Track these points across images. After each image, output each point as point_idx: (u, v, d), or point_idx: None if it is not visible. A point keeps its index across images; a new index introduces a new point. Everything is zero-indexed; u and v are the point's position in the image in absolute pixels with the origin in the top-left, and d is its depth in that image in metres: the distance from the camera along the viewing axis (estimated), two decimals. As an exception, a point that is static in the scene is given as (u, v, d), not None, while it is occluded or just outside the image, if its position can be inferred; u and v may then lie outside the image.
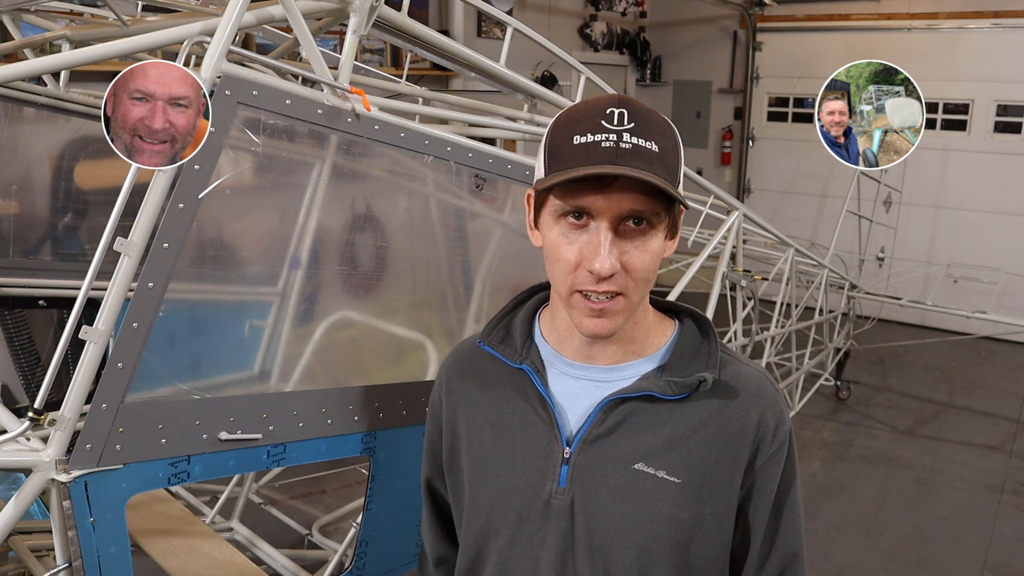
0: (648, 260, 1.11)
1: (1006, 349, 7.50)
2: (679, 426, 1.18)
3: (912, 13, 7.86)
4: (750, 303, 3.96)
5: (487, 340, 1.30)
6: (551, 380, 1.24)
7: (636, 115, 1.10)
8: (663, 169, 1.09)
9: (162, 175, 1.40)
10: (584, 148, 1.08)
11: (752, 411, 1.19)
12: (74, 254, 3.04)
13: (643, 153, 1.07)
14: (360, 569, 1.92)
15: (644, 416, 1.19)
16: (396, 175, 1.95)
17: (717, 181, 8.29)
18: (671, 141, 1.12)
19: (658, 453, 1.17)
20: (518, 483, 1.23)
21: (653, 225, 1.11)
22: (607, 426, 1.19)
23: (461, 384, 1.34)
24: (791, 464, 1.24)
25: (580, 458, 1.20)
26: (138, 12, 2.87)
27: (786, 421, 1.23)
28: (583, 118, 1.10)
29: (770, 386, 1.23)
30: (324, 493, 4.15)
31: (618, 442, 1.19)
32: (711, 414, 1.18)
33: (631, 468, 1.18)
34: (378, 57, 6.55)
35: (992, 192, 7.70)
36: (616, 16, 9.08)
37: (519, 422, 1.25)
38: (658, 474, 1.17)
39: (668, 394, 1.18)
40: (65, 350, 1.37)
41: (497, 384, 1.29)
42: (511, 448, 1.25)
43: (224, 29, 1.47)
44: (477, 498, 1.29)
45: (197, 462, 1.55)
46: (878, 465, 5.18)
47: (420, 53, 2.21)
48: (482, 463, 1.28)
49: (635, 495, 1.17)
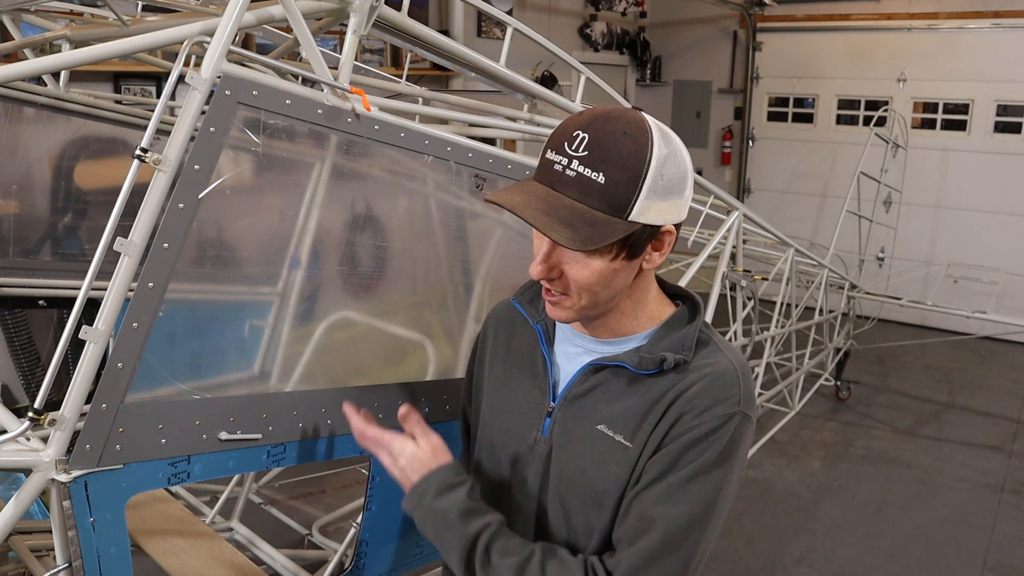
0: (588, 275, 1.20)
1: (1006, 349, 7.50)
2: (643, 399, 1.28)
3: (912, 13, 7.86)
4: (750, 303, 3.96)
5: (519, 298, 1.48)
6: (557, 342, 1.41)
7: (595, 144, 1.13)
8: (602, 203, 1.13)
9: (162, 175, 1.40)
10: (543, 165, 1.18)
11: (695, 384, 1.25)
12: (74, 254, 3.04)
13: (585, 183, 1.13)
14: (360, 569, 1.92)
15: (617, 384, 1.31)
16: (396, 175, 1.95)
17: (717, 181, 8.30)
18: (630, 173, 1.13)
19: (618, 419, 1.29)
20: (514, 426, 1.41)
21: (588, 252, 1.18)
22: (584, 388, 1.33)
23: (495, 331, 1.53)
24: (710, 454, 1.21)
25: (560, 413, 1.35)
26: (138, 12, 2.87)
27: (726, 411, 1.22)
28: (562, 131, 1.18)
29: (732, 376, 1.26)
30: (324, 493, 4.15)
31: (590, 403, 1.33)
32: (668, 388, 1.27)
33: (594, 428, 1.31)
34: (378, 57, 6.55)
35: (992, 192, 7.71)
36: (616, 16, 9.08)
37: (524, 375, 1.43)
38: (616, 437, 1.29)
39: (637, 367, 1.28)
40: (65, 350, 1.36)
41: (518, 337, 1.47)
42: (514, 394, 1.43)
43: (224, 29, 1.47)
44: (486, 429, 1.48)
45: (197, 462, 1.55)
46: (878, 465, 5.18)
47: (420, 53, 2.21)
48: (493, 402, 1.47)
49: (594, 452, 1.30)
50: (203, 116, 1.48)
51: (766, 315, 4.50)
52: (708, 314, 3.12)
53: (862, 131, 7.76)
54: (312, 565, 2.82)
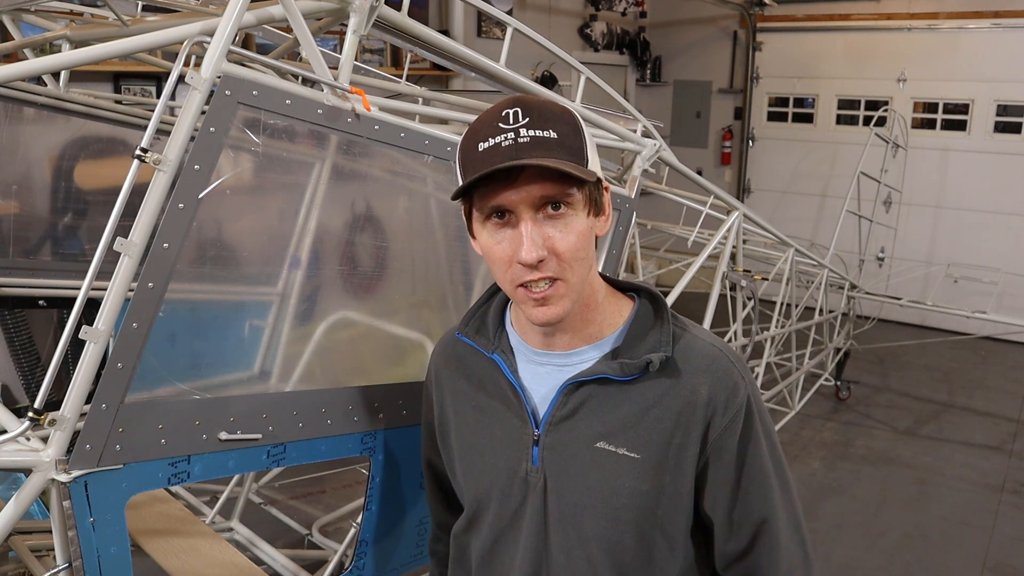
0: (574, 240, 1.18)
1: (1006, 349, 7.50)
2: (634, 405, 1.25)
3: (912, 13, 7.86)
4: (750, 303, 3.96)
5: (464, 331, 1.41)
6: (520, 367, 1.34)
7: (530, 110, 1.16)
8: (565, 152, 1.16)
9: (162, 175, 1.40)
10: (488, 152, 1.15)
11: (702, 386, 1.25)
12: (74, 254, 3.04)
13: (542, 142, 1.15)
14: (360, 569, 1.92)
15: (602, 397, 1.27)
16: (396, 175, 1.95)
17: (717, 181, 8.29)
18: (570, 126, 1.18)
19: (617, 432, 1.26)
20: (499, 463, 1.34)
21: (570, 205, 1.18)
22: (569, 408, 1.28)
23: (447, 372, 1.44)
24: (750, 433, 1.27)
25: (548, 439, 1.29)
26: (138, 12, 2.87)
27: (740, 391, 1.26)
28: (483, 126, 1.18)
29: (723, 359, 1.27)
30: (324, 493, 4.15)
31: (580, 423, 1.28)
32: (662, 392, 1.25)
33: (594, 447, 1.27)
34: (378, 57, 6.55)
35: (992, 192, 7.70)
36: (616, 16, 9.07)
37: (496, 407, 1.35)
38: (619, 451, 1.25)
39: (620, 376, 1.25)
40: (65, 350, 1.37)
41: (476, 371, 1.39)
42: (491, 431, 1.36)
43: (224, 29, 1.47)
44: (467, 475, 1.41)
45: (197, 462, 1.55)
46: (878, 465, 5.18)
47: (420, 53, 2.21)
48: (469, 444, 1.40)
49: (599, 471, 1.26)
50: (203, 116, 1.48)
51: (766, 315, 4.50)
52: (708, 314, 3.12)
53: (862, 131, 7.76)
54: (312, 565, 2.82)
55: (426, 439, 1.56)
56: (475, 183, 1.16)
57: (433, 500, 1.62)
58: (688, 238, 4.06)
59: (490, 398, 1.37)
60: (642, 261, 5.79)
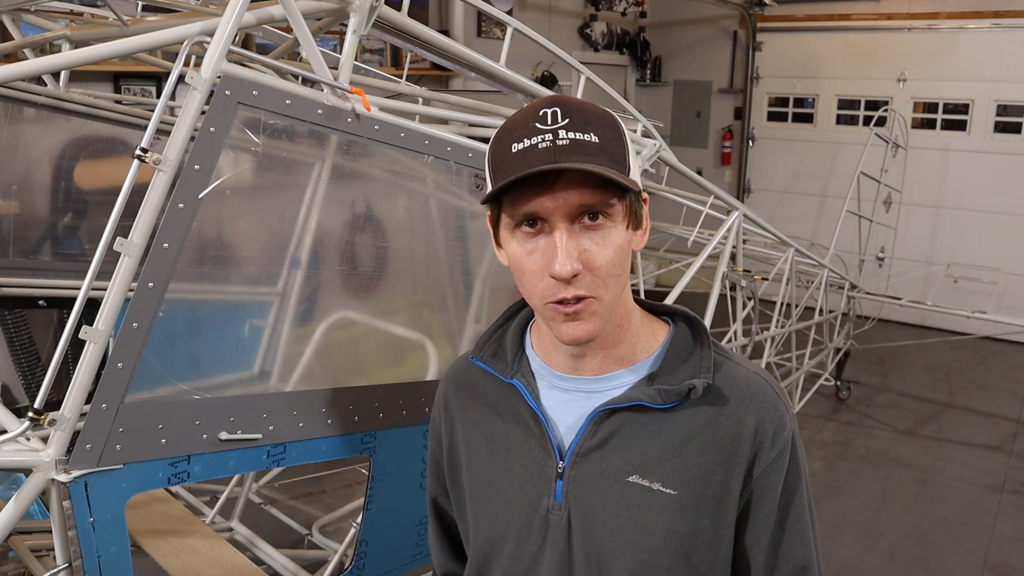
0: (611, 255, 1.08)
1: (1006, 349, 7.50)
2: (672, 436, 1.14)
3: (912, 13, 7.86)
4: (750, 303, 3.96)
5: (479, 355, 1.28)
6: (542, 393, 1.22)
7: (570, 111, 1.07)
8: (606, 158, 1.06)
9: (162, 175, 1.40)
10: (523, 154, 1.05)
11: (748, 417, 1.15)
12: (74, 254, 3.04)
13: (582, 146, 1.05)
14: (360, 569, 1.92)
15: (636, 427, 1.15)
16: (396, 175, 1.95)
17: (717, 181, 8.29)
18: (612, 131, 1.09)
19: (652, 465, 1.14)
20: (516, 500, 1.21)
21: (610, 216, 1.07)
22: (599, 438, 1.16)
23: (458, 401, 1.32)
24: (796, 470, 1.18)
25: (574, 472, 1.17)
26: (138, 12, 2.87)
27: (787, 426, 1.17)
28: (518, 126, 1.08)
29: (769, 389, 1.18)
30: (324, 493, 4.15)
31: (611, 454, 1.16)
32: (704, 422, 1.14)
33: (625, 481, 1.15)
34: (378, 57, 6.55)
35: (992, 192, 7.70)
36: (616, 16, 9.08)
37: (514, 437, 1.23)
38: (653, 486, 1.14)
39: (658, 403, 1.14)
40: (65, 350, 1.37)
41: (492, 399, 1.27)
42: (508, 464, 1.23)
43: (224, 29, 1.47)
44: (479, 515, 1.27)
45: (197, 462, 1.55)
46: (878, 465, 5.18)
47: (420, 53, 2.21)
48: (481, 480, 1.27)
49: (631, 508, 1.14)
50: (203, 116, 1.48)
51: (766, 315, 4.49)
52: (708, 314, 3.12)
53: (862, 131, 7.76)
54: (312, 565, 2.82)
55: (432, 476, 1.41)
56: (508, 187, 1.05)
57: (437, 547, 1.47)
58: (688, 238, 4.06)
59: (507, 429, 1.24)
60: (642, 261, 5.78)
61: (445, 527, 1.44)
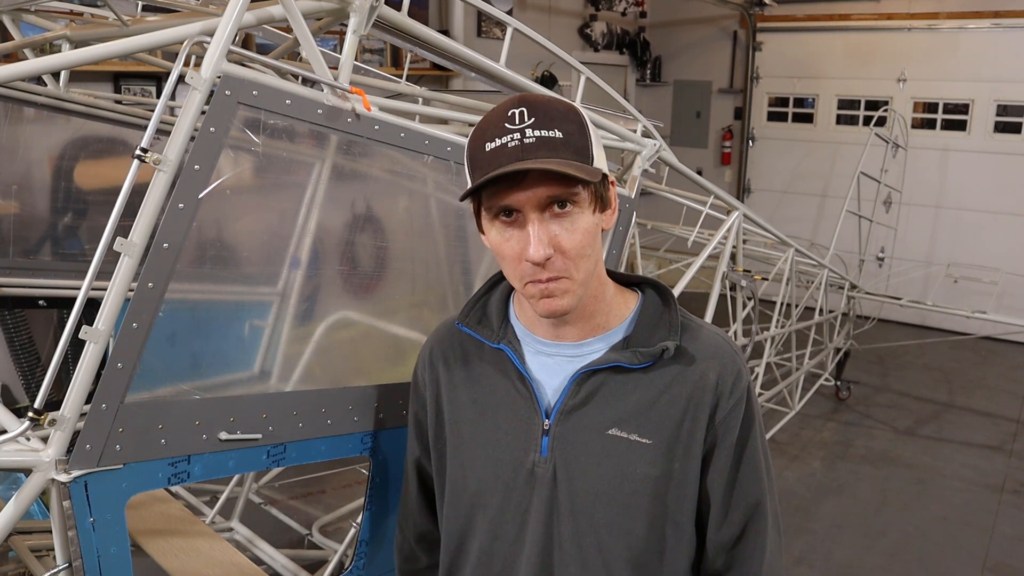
0: (579, 238, 1.20)
1: (1006, 349, 7.50)
2: (646, 392, 1.28)
3: (912, 13, 7.86)
4: (750, 303, 3.96)
5: (465, 321, 1.40)
6: (528, 357, 1.34)
7: (535, 110, 1.18)
8: (570, 151, 1.18)
9: (162, 175, 1.40)
10: (495, 153, 1.17)
11: (710, 371, 1.29)
12: (74, 254, 3.04)
13: (547, 142, 1.16)
14: (360, 569, 1.92)
15: (614, 385, 1.29)
16: (396, 175, 1.95)
17: (717, 181, 8.29)
18: (575, 124, 1.20)
19: (629, 418, 1.27)
20: (503, 456, 1.33)
21: (576, 203, 1.20)
22: (581, 397, 1.29)
23: (443, 364, 1.43)
24: (749, 417, 1.31)
25: (559, 428, 1.30)
26: (138, 12, 2.87)
27: (743, 377, 1.31)
28: (490, 126, 1.20)
29: (727, 346, 1.33)
30: (324, 493, 4.15)
31: (592, 411, 1.29)
32: (673, 377, 1.28)
33: (605, 434, 1.28)
34: (378, 57, 6.55)
35: (992, 192, 7.70)
36: (616, 16, 9.08)
37: (501, 398, 1.35)
38: (631, 437, 1.27)
39: (635, 363, 1.28)
40: (65, 350, 1.37)
41: (476, 363, 1.39)
42: (495, 423, 1.34)
43: (224, 29, 1.47)
44: (465, 471, 1.38)
45: (197, 462, 1.55)
46: (878, 465, 5.18)
47: (420, 53, 2.21)
48: (468, 439, 1.37)
49: (611, 458, 1.28)
50: (203, 116, 1.48)
51: (766, 315, 4.50)
52: (708, 314, 3.12)
53: (862, 131, 7.76)
54: (312, 565, 2.82)
55: (413, 438, 1.52)
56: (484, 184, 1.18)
57: (416, 508, 1.56)
58: (688, 238, 4.07)
59: (493, 390, 1.35)
60: (642, 261, 5.79)
61: (425, 488, 1.54)
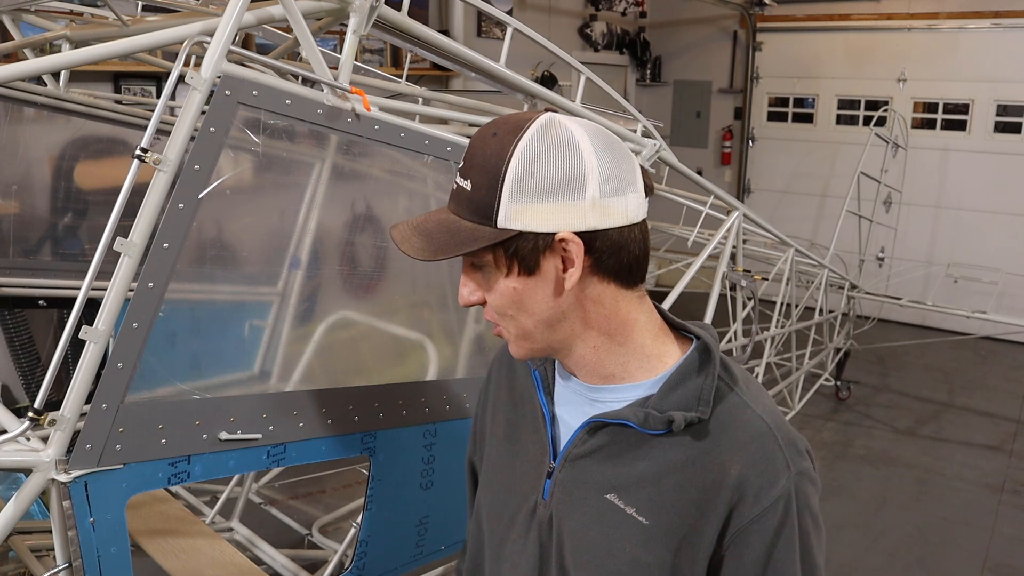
0: (495, 298, 1.10)
1: (1006, 349, 7.50)
2: (655, 463, 1.10)
3: (912, 13, 7.86)
4: (750, 303, 3.96)
5: None
6: (557, 388, 1.23)
7: (469, 150, 1.08)
8: (468, 209, 1.06)
9: (162, 175, 1.40)
10: None
11: (732, 465, 1.06)
12: (74, 254, 3.04)
13: (458, 195, 1.08)
14: (360, 569, 1.92)
15: (623, 444, 1.12)
16: (396, 175, 1.95)
17: (717, 181, 8.29)
18: (488, 176, 1.04)
19: (630, 487, 1.11)
20: (516, 486, 1.25)
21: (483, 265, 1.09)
22: (587, 447, 1.15)
23: (497, 377, 1.37)
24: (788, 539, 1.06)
25: (561, 475, 1.17)
26: (138, 12, 2.87)
27: (779, 482, 1.05)
28: None
29: (770, 439, 1.08)
30: (324, 493, 4.15)
31: (595, 466, 1.14)
32: (688, 458, 1.08)
33: (603, 497, 1.13)
34: (378, 57, 6.55)
35: (992, 192, 7.70)
36: (616, 16, 9.08)
37: (527, 425, 1.26)
38: (627, 510, 1.10)
39: (645, 427, 1.09)
40: (65, 350, 1.37)
41: (520, 382, 1.30)
42: (517, 449, 1.26)
43: (224, 29, 1.47)
44: (488, 488, 1.33)
45: (197, 462, 1.55)
46: (878, 465, 5.18)
47: (420, 53, 2.21)
48: (495, 458, 1.31)
49: (602, 526, 1.12)
50: (203, 116, 1.48)
51: (766, 315, 4.49)
52: (708, 315, 3.12)
53: (862, 131, 7.76)
54: (312, 565, 2.82)
55: (471, 439, 1.46)
56: None
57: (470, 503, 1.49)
58: (688, 238, 4.07)
59: (524, 415, 1.27)
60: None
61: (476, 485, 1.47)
